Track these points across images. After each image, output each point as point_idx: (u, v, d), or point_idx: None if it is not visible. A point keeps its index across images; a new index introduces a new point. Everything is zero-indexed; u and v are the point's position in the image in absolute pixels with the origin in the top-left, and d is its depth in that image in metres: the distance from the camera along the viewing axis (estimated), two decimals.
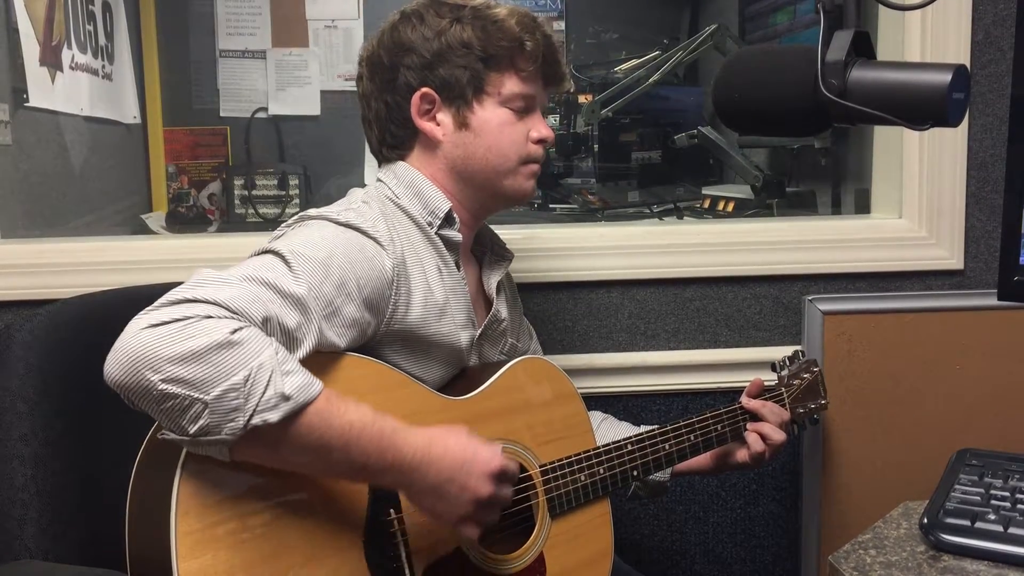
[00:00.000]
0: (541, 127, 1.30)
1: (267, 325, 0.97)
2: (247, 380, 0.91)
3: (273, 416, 0.93)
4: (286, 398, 0.93)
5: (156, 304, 0.94)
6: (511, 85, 1.26)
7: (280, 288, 1.00)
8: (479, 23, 1.23)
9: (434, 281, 1.22)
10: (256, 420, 0.92)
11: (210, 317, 0.92)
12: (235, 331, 0.92)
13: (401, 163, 1.29)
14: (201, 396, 0.90)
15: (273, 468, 1.00)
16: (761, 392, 1.46)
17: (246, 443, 0.94)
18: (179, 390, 0.89)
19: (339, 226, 1.15)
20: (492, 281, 1.35)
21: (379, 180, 1.29)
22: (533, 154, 1.29)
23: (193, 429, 0.91)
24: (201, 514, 0.97)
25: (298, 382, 0.95)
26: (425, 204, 1.25)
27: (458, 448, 1.07)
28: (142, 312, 0.93)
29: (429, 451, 1.04)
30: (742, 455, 1.42)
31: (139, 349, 0.89)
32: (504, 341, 1.37)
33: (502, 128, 1.26)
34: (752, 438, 1.40)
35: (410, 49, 1.24)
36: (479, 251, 1.39)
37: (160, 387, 0.89)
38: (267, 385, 0.92)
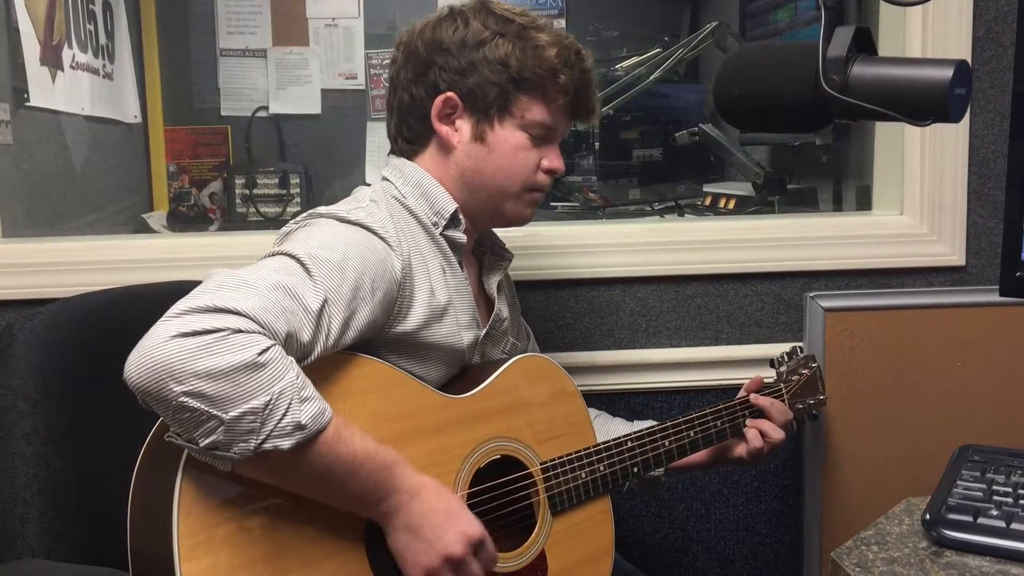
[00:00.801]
0: (554, 159, 1.29)
1: (288, 340, 0.97)
2: (267, 406, 0.91)
3: (285, 443, 0.93)
4: (301, 427, 0.94)
5: (183, 308, 0.92)
6: (536, 112, 1.25)
7: (301, 299, 1.00)
8: (520, 44, 1.22)
9: (437, 283, 1.22)
10: (268, 445, 0.92)
11: (240, 332, 0.92)
12: (263, 351, 0.92)
13: (409, 163, 1.28)
14: (219, 414, 0.90)
15: None
16: (761, 388, 1.46)
17: (251, 462, 0.94)
18: (198, 404, 0.89)
19: (350, 225, 1.14)
20: (493, 281, 1.36)
21: (385, 179, 1.29)
22: (540, 183, 1.29)
23: (204, 443, 0.91)
24: (203, 514, 0.97)
25: (313, 411, 0.95)
26: (431, 204, 1.25)
27: (448, 502, 1.08)
28: (169, 315, 0.92)
29: (420, 491, 1.06)
30: (740, 451, 1.42)
31: (166, 358, 0.88)
32: (506, 340, 1.37)
33: (516, 152, 1.26)
34: (752, 434, 1.40)
35: (447, 50, 1.23)
36: (479, 252, 1.39)
37: (181, 399, 0.89)
38: (285, 412, 0.93)
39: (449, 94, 1.23)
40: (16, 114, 1.75)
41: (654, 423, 1.40)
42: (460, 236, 1.26)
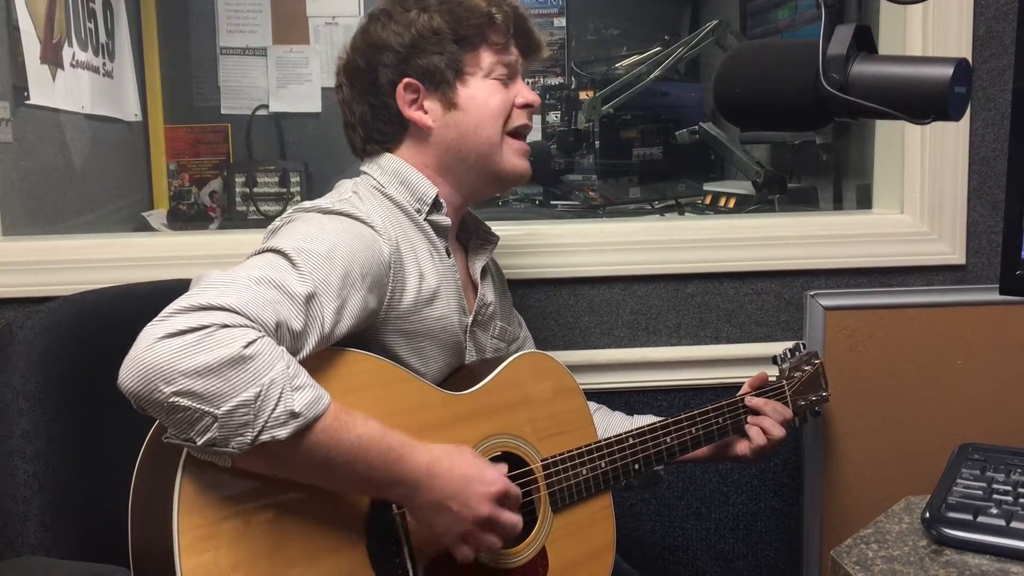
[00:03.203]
0: (525, 92, 1.31)
1: (278, 330, 0.97)
2: (258, 396, 0.91)
3: (282, 433, 0.93)
4: (295, 415, 0.94)
5: (170, 310, 0.93)
6: (489, 58, 1.27)
7: (287, 289, 1.00)
8: (446, 7, 1.25)
9: (427, 267, 1.23)
10: (265, 436, 0.92)
11: (226, 326, 0.92)
12: (249, 344, 0.92)
13: (385, 155, 1.29)
14: (211, 410, 0.90)
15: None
16: (763, 385, 1.46)
17: (251, 456, 0.94)
18: (190, 403, 0.89)
19: (334, 215, 1.16)
20: (477, 266, 1.36)
21: (363, 172, 1.30)
22: (519, 121, 1.30)
23: (201, 441, 0.91)
24: (203, 510, 0.97)
25: (307, 398, 0.95)
26: (412, 191, 1.26)
27: (463, 467, 1.08)
28: (157, 319, 0.92)
29: (433, 468, 1.05)
30: (742, 448, 1.42)
31: (154, 361, 0.88)
32: (494, 325, 1.38)
33: (489, 99, 1.27)
34: (754, 431, 1.41)
35: (384, 47, 1.25)
36: (464, 238, 1.40)
37: (172, 399, 0.89)
38: (277, 402, 0.93)
39: (406, 80, 1.25)
40: (16, 112, 1.75)
41: (654, 418, 1.40)
42: (444, 219, 1.27)
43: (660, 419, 1.38)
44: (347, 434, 0.98)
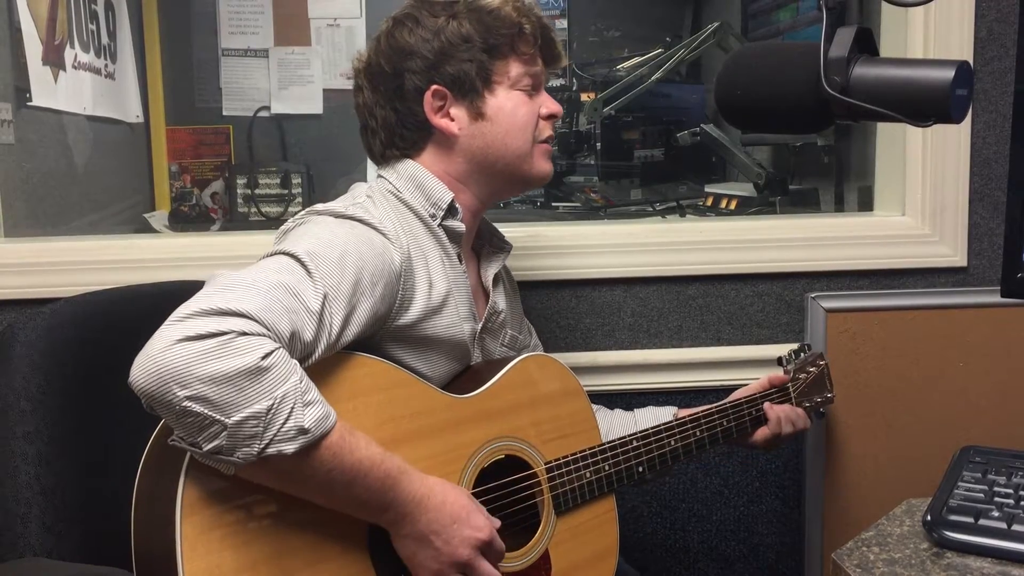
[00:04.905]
0: (550, 103, 1.32)
1: (292, 340, 0.98)
2: (269, 410, 0.92)
3: (289, 448, 0.93)
4: (304, 431, 0.94)
5: (188, 311, 0.92)
6: (517, 69, 1.27)
7: (302, 296, 1.00)
8: (475, 15, 1.25)
9: (437, 275, 1.22)
10: (271, 450, 0.92)
11: (244, 334, 0.92)
12: (266, 355, 0.92)
13: (404, 160, 1.29)
14: (222, 419, 0.90)
15: None
16: (771, 388, 1.47)
17: (254, 467, 0.94)
18: (202, 409, 0.89)
19: (347, 221, 1.15)
20: (489, 273, 1.36)
21: (380, 176, 1.30)
22: (544, 131, 1.31)
23: (207, 447, 0.92)
24: (206, 514, 0.97)
25: (317, 415, 0.95)
26: (427, 196, 1.25)
27: (455, 506, 1.08)
28: (174, 319, 0.92)
29: (426, 500, 1.06)
30: (760, 433, 1.43)
31: (170, 363, 0.89)
32: (504, 333, 1.38)
33: (515, 110, 1.28)
34: (784, 423, 1.42)
35: (412, 52, 1.24)
36: (477, 244, 1.40)
37: (184, 403, 0.89)
38: (288, 417, 0.93)
39: (434, 87, 1.25)
40: (18, 114, 1.76)
41: (654, 409, 1.40)
42: (459, 225, 1.27)
43: (664, 419, 1.38)
44: (350, 456, 0.99)
